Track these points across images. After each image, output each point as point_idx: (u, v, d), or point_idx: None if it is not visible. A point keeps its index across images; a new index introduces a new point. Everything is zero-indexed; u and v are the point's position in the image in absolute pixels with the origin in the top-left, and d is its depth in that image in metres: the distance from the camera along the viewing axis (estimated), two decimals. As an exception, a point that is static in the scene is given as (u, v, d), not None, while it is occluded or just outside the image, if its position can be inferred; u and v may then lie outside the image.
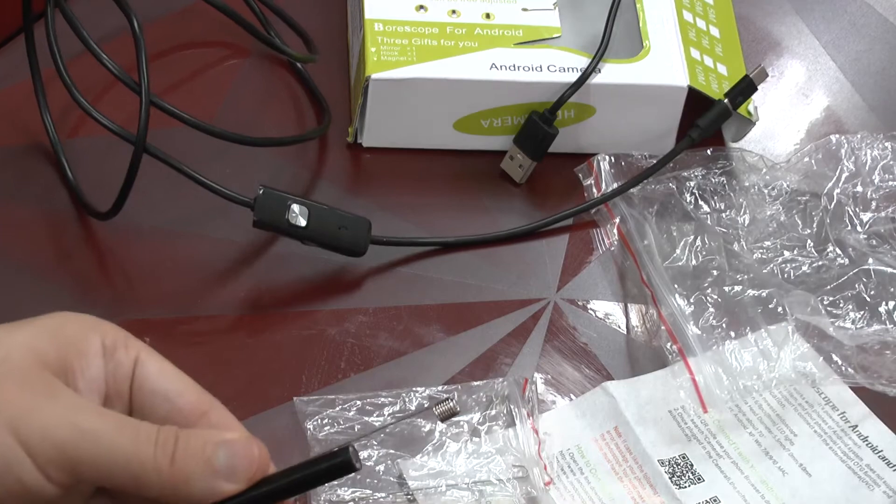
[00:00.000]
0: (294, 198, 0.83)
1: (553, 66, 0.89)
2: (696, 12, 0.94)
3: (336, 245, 0.84)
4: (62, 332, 0.57)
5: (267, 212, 0.82)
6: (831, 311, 0.84)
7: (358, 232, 0.85)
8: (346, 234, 0.84)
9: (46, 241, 0.85)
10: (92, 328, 0.57)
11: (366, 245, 0.85)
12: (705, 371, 0.80)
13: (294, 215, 0.82)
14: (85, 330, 0.57)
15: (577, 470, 0.78)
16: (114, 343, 0.57)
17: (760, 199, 0.89)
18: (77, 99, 0.83)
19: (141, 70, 0.81)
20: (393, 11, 0.90)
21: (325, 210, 0.84)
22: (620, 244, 0.88)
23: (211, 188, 0.83)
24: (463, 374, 0.81)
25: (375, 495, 0.75)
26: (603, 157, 0.90)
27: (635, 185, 0.88)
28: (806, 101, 0.98)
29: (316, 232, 0.83)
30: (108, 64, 0.82)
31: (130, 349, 0.58)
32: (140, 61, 0.81)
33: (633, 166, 0.90)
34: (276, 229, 0.83)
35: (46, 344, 0.56)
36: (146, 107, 0.81)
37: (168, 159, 0.82)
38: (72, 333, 0.57)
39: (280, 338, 0.82)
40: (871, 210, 0.89)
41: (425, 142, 0.91)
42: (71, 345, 0.56)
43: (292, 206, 0.83)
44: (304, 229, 0.83)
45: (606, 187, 0.89)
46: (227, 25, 0.91)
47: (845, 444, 0.79)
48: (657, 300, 0.84)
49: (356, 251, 0.85)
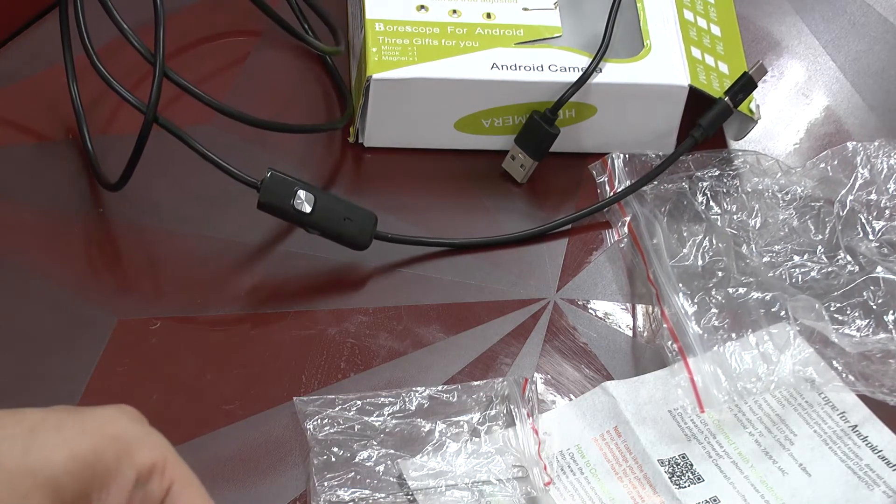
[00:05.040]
0: (301, 183, 0.82)
1: (554, 66, 0.89)
2: (696, 11, 0.94)
3: (339, 236, 0.84)
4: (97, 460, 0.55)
5: (273, 195, 0.82)
6: (837, 318, 0.84)
7: (363, 225, 0.84)
8: (350, 225, 0.84)
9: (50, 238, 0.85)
10: (131, 454, 0.56)
11: (370, 239, 0.84)
12: (704, 371, 0.80)
13: (300, 201, 0.82)
14: (122, 457, 0.55)
15: (577, 470, 0.78)
16: (150, 470, 0.56)
17: (774, 202, 0.89)
18: (97, 66, 0.83)
19: (158, 41, 0.81)
20: (394, 11, 0.90)
21: (332, 199, 0.83)
22: (630, 242, 0.88)
23: (218, 165, 0.82)
24: (463, 374, 0.81)
25: (375, 495, 0.75)
26: (617, 154, 0.90)
27: (645, 184, 0.88)
28: (806, 101, 0.98)
29: (320, 220, 0.83)
30: (127, 34, 0.82)
31: (166, 477, 0.56)
32: (158, 32, 0.81)
33: (647, 165, 0.90)
34: (281, 213, 0.82)
35: (71, 479, 0.54)
36: (159, 77, 0.81)
37: (177, 131, 0.82)
38: (106, 461, 0.55)
39: (280, 338, 0.82)
40: (884, 218, 0.89)
41: (426, 142, 0.91)
42: (97, 478, 0.55)
43: (299, 191, 0.82)
44: (308, 216, 0.82)
45: (620, 185, 0.89)
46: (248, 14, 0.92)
47: (845, 445, 0.79)
48: (661, 298, 0.84)
49: (359, 244, 0.84)
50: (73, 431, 0.55)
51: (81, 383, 0.78)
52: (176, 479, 0.57)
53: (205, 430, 0.77)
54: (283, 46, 0.96)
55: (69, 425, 0.55)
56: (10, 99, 0.92)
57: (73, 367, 0.79)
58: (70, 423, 0.55)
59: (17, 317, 0.82)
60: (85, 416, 0.55)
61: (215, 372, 0.80)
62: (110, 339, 0.81)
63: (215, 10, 0.97)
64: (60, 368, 0.79)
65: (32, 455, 0.54)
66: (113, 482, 0.55)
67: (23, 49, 0.94)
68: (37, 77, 0.92)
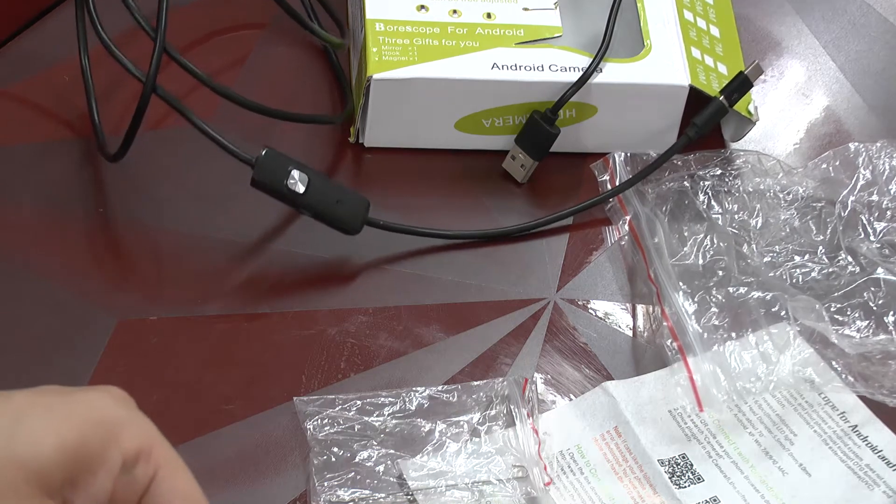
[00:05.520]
0: (296, 163, 0.82)
1: (554, 66, 0.89)
2: (696, 12, 0.94)
3: (331, 218, 0.84)
4: (84, 446, 0.54)
5: (267, 173, 0.82)
6: (837, 319, 0.84)
7: (355, 209, 0.84)
8: (342, 208, 0.84)
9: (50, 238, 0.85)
10: (117, 438, 0.55)
11: (361, 223, 0.84)
12: (703, 370, 0.80)
13: (293, 181, 0.82)
14: (108, 441, 0.55)
15: (577, 470, 0.78)
16: (136, 455, 0.55)
17: (776, 203, 0.89)
18: (101, 36, 0.84)
19: (160, 16, 0.82)
20: (394, 11, 0.90)
21: (326, 181, 0.83)
22: (631, 241, 0.88)
23: (214, 139, 0.82)
24: (463, 374, 0.81)
25: (375, 495, 0.75)
26: (619, 153, 0.90)
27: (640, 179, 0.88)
28: (806, 101, 0.98)
29: (313, 201, 0.83)
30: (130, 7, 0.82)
31: (151, 462, 0.56)
32: (161, 8, 0.82)
33: (648, 164, 0.90)
34: (274, 192, 0.82)
35: (58, 466, 0.53)
36: (160, 49, 0.82)
37: (175, 104, 0.82)
38: (92, 447, 0.54)
39: (280, 338, 0.82)
40: (885, 220, 0.88)
41: (427, 142, 0.91)
42: (83, 463, 0.54)
43: (293, 171, 0.82)
44: (301, 196, 0.82)
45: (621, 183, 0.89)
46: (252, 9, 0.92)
47: (845, 445, 0.79)
48: (661, 297, 0.84)
49: (350, 228, 0.84)
50: (61, 417, 0.54)
51: (81, 383, 0.78)
52: (162, 464, 0.56)
53: (204, 431, 0.77)
54: (286, 42, 0.96)
55: (56, 409, 0.54)
56: (11, 99, 0.92)
57: (73, 367, 0.79)
58: (57, 408, 0.54)
59: (18, 317, 0.82)
60: (72, 399, 0.55)
61: (215, 372, 0.80)
62: (110, 339, 0.81)
63: (219, 4, 0.97)
64: (60, 368, 0.79)
65: (19, 444, 0.53)
66: (99, 467, 0.55)
67: (23, 49, 0.94)
68: (38, 77, 0.92)
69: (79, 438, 0.54)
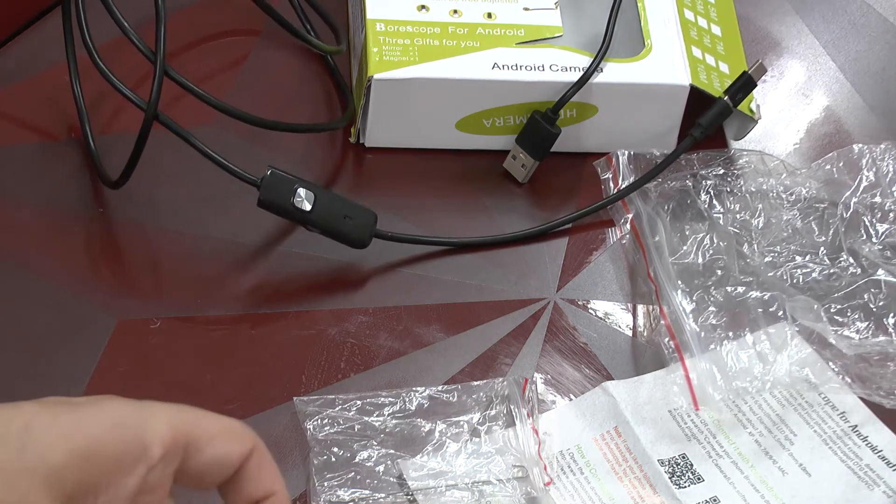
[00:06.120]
0: (301, 181, 0.82)
1: (555, 66, 0.89)
2: (697, 11, 0.94)
3: (339, 234, 0.84)
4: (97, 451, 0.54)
5: (273, 192, 0.82)
6: (837, 320, 0.84)
7: (363, 223, 0.84)
8: (350, 223, 0.84)
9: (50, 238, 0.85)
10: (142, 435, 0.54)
11: (369, 238, 0.84)
12: (700, 369, 0.80)
13: (300, 199, 0.82)
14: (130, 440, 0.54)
15: (577, 470, 0.78)
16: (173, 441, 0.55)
17: (778, 203, 0.89)
18: (98, 65, 0.83)
19: (158, 38, 0.82)
20: (394, 11, 0.90)
21: (333, 197, 0.83)
22: (633, 239, 0.88)
23: (219, 163, 0.82)
24: (463, 374, 0.81)
25: (375, 495, 0.75)
26: (622, 151, 0.90)
27: (645, 182, 0.88)
28: (806, 101, 0.98)
29: (320, 218, 0.83)
30: (128, 33, 0.82)
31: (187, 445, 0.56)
32: (158, 30, 0.82)
33: (651, 163, 0.90)
34: (281, 211, 0.82)
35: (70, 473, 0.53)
36: (160, 74, 0.81)
37: (177, 129, 0.82)
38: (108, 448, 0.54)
39: (280, 338, 0.82)
40: (887, 221, 0.88)
41: (427, 142, 0.91)
42: (101, 466, 0.54)
43: (299, 189, 0.82)
44: (308, 214, 0.82)
45: (624, 182, 0.89)
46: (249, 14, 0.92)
47: (845, 445, 0.79)
48: (660, 296, 0.84)
49: (359, 243, 0.84)
50: (69, 424, 0.54)
51: (81, 383, 0.78)
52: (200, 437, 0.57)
53: (205, 431, 0.77)
54: (283, 46, 0.96)
55: (65, 417, 0.54)
56: (11, 98, 0.92)
57: (73, 367, 0.79)
58: (66, 415, 0.54)
59: (18, 317, 0.82)
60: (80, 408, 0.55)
61: (215, 372, 0.80)
62: (110, 339, 0.81)
63: (216, 9, 0.97)
64: (60, 368, 0.79)
65: (28, 453, 0.53)
66: (127, 468, 0.54)
67: (23, 49, 0.94)
68: (37, 77, 0.92)
69: (92, 443, 0.54)
